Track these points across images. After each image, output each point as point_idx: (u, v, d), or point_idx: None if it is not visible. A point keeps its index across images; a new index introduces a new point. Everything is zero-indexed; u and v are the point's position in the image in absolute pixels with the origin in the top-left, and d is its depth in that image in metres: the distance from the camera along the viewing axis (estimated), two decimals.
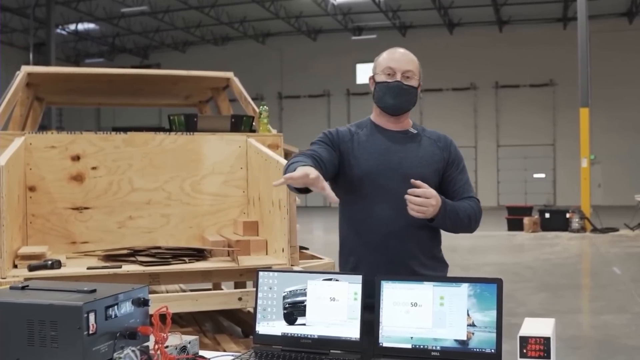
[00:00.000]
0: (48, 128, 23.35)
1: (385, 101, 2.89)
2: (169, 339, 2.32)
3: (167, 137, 5.30)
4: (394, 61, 2.90)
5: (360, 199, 2.86)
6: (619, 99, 32.46)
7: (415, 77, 2.91)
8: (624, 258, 14.07)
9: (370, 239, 2.84)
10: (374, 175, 2.83)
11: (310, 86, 37.58)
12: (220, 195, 5.34)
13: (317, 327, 2.47)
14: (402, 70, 2.88)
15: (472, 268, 12.50)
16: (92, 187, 5.06)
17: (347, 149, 2.88)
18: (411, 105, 2.92)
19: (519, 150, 34.99)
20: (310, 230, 20.08)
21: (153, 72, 7.38)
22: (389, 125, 2.94)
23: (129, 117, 31.62)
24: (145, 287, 2.29)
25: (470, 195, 2.93)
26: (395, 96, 2.87)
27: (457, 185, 2.92)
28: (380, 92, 2.89)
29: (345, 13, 33.65)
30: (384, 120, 2.95)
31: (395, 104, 2.88)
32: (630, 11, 32.26)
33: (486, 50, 34.52)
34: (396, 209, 2.76)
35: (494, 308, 2.28)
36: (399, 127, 2.94)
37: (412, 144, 2.90)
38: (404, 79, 2.87)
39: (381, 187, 2.82)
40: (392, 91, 2.87)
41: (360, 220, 2.88)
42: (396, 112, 2.90)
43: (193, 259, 4.54)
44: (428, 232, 2.88)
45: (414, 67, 2.92)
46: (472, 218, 2.89)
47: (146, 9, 32.02)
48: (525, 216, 20.20)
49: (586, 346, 7.10)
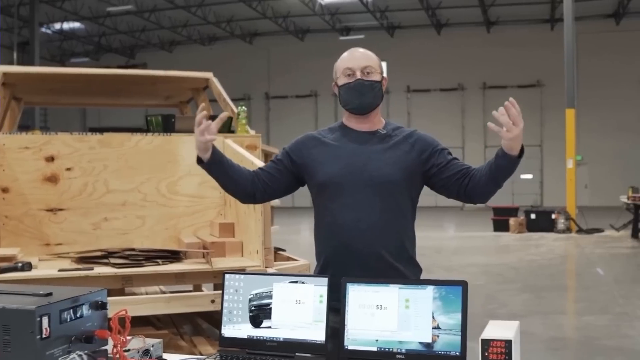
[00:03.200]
0: (32, 128, 23.21)
1: (351, 102, 2.86)
2: (131, 342, 2.30)
3: (143, 138, 5.26)
4: (350, 61, 2.88)
5: (328, 202, 2.84)
6: (606, 100, 32.62)
7: (377, 72, 2.87)
8: (608, 259, 14.11)
9: (337, 242, 2.82)
10: (339, 179, 2.81)
11: (297, 86, 37.54)
12: (196, 197, 5.31)
13: (282, 329, 2.46)
14: (361, 67, 2.84)
15: (456, 269, 12.51)
16: (67, 189, 5.02)
17: (311, 156, 2.88)
18: (377, 101, 2.88)
19: None
20: (297, 231, 20.04)
21: (132, 72, 7.35)
22: (360, 126, 2.91)
23: (115, 118, 31.51)
24: (104, 291, 2.26)
25: (471, 167, 2.82)
26: (359, 95, 2.84)
27: (456, 167, 2.82)
28: (345, 95, 2.87)
29: (333, 13, 33.65)
30: (354, 122, 2.92)
31: (361, 102, 2.85)
32: (617, 12, 32.41)
33: (474, 51, 34.59)
34: (362, 212, 2.76)
35: (459, 311, 2.26)
36: (369, 127, 2.91)
37: (379, 145, 2.86)
38: (364, 75, 2.84)
39: (346, 190, 2.79)
40: (355, 90, 2.84)
41: (328, 223, 2.86)
42: (364, 110, 2.87)
43: (167, 261, 4.51)
44: (396, 234, 2.84)
45: (373, 63, 2.88)
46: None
47: (132, 8, 31.89)
48: (511, 217, 20.22)
49: (566, 347, 7.11)
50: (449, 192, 2.87)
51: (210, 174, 2.83)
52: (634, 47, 32.44)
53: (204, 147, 2.70)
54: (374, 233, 2.78)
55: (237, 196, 3.00)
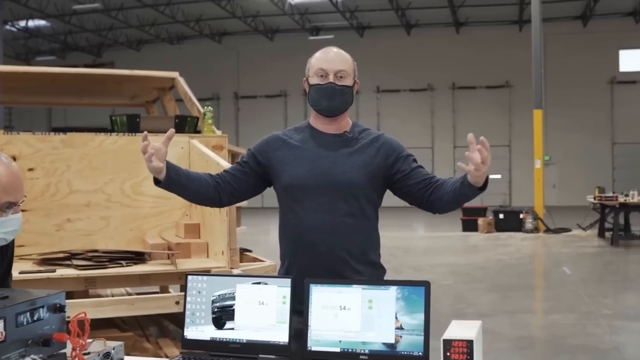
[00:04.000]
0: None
1: (320, 103, 2.84)
2: (91, 345, 2.26)
3: (107, 138, 5.20)
4: (325, 62, 2.84)
5: (293, 204, 2.83)
6: (574, 100, 33.05)
7: (350, 77, 2.85)
8: (574, 258, 14.25)
9: (301, 245, 2.81)
10: (303, 182, 2.79)
11: (267, 86, 37.47)
12: (162, 197, 5.25)
13: (245, 331, 2.43)
14: (335, 70, 2.82)
15: (424, 269, 12.56)
16: (29, 189, 4.92)
17: (276, 157, 2.87)
18: (347, 106, 2.87)
19: None
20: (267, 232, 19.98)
21: (97, 72, 7.25)
22: (326, 128, 2.90)
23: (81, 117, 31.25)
24: (62, 293, 2.22)
25: (435, 177, 2.83)
26: (330, 98, 2.82)
27: (419, 176, 2.82)
28: (314, 95, 2.85)
29: (302, 13, 33.64)
30: (321, 123, 2.91)
31: (330, 105, 2.83)
32: (585, 14, 32.82)
33: (443, 52, 34.82)
34: (326, 215, 2.76)
35: (421, 311, 2.26)
36: (335, 130, 2.89)
37: (345, 149, 2.85)
38: (336, 79, 2.82)
39: (310, 193, 2.78)
40: (326, 93, 2.82)
41: (292, 225, 2.85)
42: (331, 113, 2.86)
43: (131, 262, 4.46)
44: (360, 238, 2.84)
45: (347, 67, 2.85)
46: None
47: (99, 6, 31.55)
48: (479, 217, 20.34)
49: (532, 346, 7.15)
50: (411, 200, 2.89)
51: (170, 192, 2.81)
52: (601, 48, 32.94)
53: (156, 171, 2.68)
54: (338, 236, 2.77)
55: (203, 204, 3.00)
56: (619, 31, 32.65)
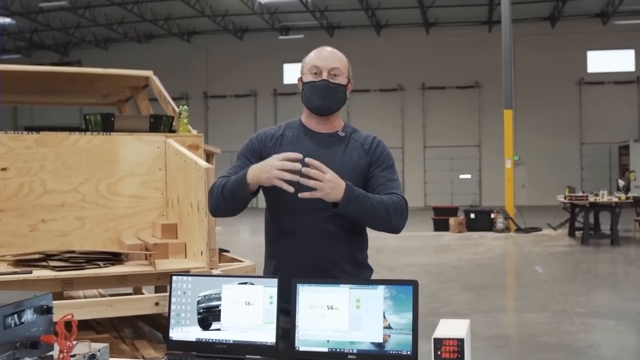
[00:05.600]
0: None
1: (313, 101, 2.83)
2: (76, 347, 2.22)
3: (81, 137, 5.12)
4: (320, 60, 2.84)
5: (282, 203, 2.81)
6: (543, 100, 33.42)
7: (343, 75, 2.85)
8: (546, 257, 14.39)
9: (290, 244, 2.79)
10: (295, 181, 2.76)
11: (236, 86, 37.32)
12: (138, 197, 5.20)
13: (232, 332, 2.40)
14: (328, 68, 2.81)
15: (397, 269, 12.59)
16: (2, 189, 4.85)
17: (269, 154, 2.80)
18: (340, 104, 2.87)
19: (445, 151, 35.53)
20: (237, 232, 19.94)
21: (68, 70, 7.13)
22: (318, 127, 2.89)
23: (48, 116, 30.88)
24: (49, 294, 2.18)
25: (393, 192, 2.79)
26: (323, 96, 2.81)
27: (378, 182, 2.81)
28: (308, 92, 2.83)
29: (272, 12, 33.55)
30: (313, 122, 2.89)
31: (323, 103, 2.82)
32: (553, 15, 33.18)
33: (413, 52, 34.99)
34: (314, 215, 2.74)
35: (410, 310, 2.25)
36: (328, 129, 2.89)
37: (337, 148, 2.85)
38: (330, 77, 2.81)
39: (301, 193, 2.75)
40: (319, 91, 2.80)
41: (281, 225, 2.83)
42: (324, 112, 2.85)
43: (108, 263, 4.40)
44: (350, 238, 2.83)
45: (341, 65, 2.85)
46: (391, 211, 2.72)
47: (66, 4, 31.16)
48: (451, 217, 20.45)
49: (507, 345, 7.20)
50: None
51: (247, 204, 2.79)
52: (569, 49, 33.33)
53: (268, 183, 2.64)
54: (325, 236, 2.76)
55: (237, 214, 2.91)
56: (586, 32, 33.10)
